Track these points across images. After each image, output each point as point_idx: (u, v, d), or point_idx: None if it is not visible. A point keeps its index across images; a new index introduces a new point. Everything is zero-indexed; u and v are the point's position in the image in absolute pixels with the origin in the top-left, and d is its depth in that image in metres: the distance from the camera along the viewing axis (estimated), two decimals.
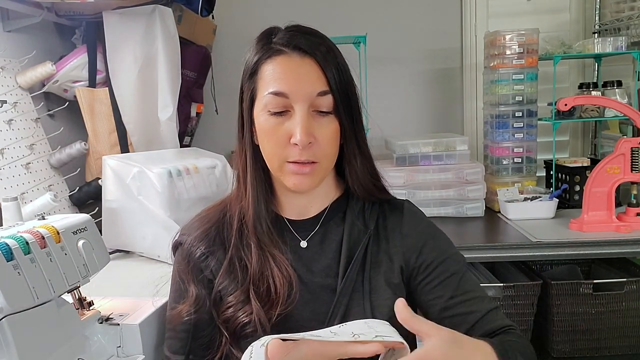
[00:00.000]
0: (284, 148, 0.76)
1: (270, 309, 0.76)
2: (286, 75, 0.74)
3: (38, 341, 0.68)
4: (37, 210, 1.38)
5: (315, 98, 0.74)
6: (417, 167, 2.04)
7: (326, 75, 0.75)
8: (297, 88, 0.74)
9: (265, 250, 0.80)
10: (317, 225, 0.84)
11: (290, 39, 0.75)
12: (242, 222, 0.83)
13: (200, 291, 0.82)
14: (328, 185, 0.86)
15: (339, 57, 0.78)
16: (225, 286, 0.80)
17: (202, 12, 1.78)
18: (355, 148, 0.82)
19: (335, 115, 0.77)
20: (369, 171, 0.85)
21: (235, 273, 0.80)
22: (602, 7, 2.39)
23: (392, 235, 0.84)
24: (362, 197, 0.86)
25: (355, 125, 0.80)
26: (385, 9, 2.49)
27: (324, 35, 0.80)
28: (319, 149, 0.76)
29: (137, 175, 1.41)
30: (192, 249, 0.84)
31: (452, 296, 0.79)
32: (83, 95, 1.72)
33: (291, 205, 0.86)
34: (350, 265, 0.79)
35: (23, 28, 1.67)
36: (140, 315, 0.84)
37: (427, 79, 2.55)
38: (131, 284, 1.27)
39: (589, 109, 2.11)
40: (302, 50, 0.75)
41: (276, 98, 0.74)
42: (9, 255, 0.64)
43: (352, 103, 0.79)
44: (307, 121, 0.74)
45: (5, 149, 1.49)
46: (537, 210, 1.94)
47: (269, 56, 0.76)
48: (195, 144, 2.25)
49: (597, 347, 1.84)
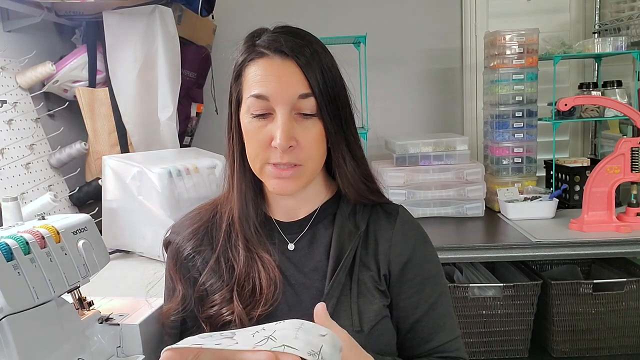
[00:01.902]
0: (265, 150, 0.75)
1: (252, 309, 0.77)
2: (267, 78, 0.74)
3: (38, 341, 0.68)
4: (37, 210, 1.38)
5: (297, 101, 0.74)
6: (417, 167, 2.04)
7: (308, 78, 0.74)
8: (278, 91, 0.73)
9: (252, 251, 0.80)
10: (306, 227, 0.84)
11: (273, 41, 0.75)
12: (230, 222, 0.83)
13: (186, 290, 0.82)
14: (318, 187, 0.85)
15: (325, 59, 0.77)
16: (210, 284, 0.81)
17: (202, 12, 1.78)
18: (344, 150, 0.80)
19: (319, 118, 0.76)
20: (361, 173, 0.83)
21: (221, 272, 0.81)
22: (602, 7, 2.39)
23: (381, 241, 0.82)
24: (353, 199, 0.84)
25: (343, 127, 0.79)
26: (385, 9, 2.50)
27: (311, 37, 0.79)
28: (301, 152, 0.75)
29: (137, 175, 1.41)
30: (180, 248, 0.85)
31: (418, 319, 0.80)
32: (83, 95, 1.72)
33: (280, 207, 0.85)
34: (339, 267, 0.78)
35: (23, 28, 1.67)
36: (140, 315, 0.84)
37: (427, 79, 2.55)
38: (131, 284, 1.27)
39: (589, 109, 2.11)
40: (283, 53, 0.74)
41: (258, 101, 0.74)
42: (9, 255, 0.64)
43: (339, 105, 0.77)
44: (287, 124, 0.73)
45: (5, 149, 1.49)
46: (537, 210, 1.95)
47: (252, 59, 0.76)
48: (195, 144, 2.25)
49: (597, 347, 1.84)
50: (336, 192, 0.87)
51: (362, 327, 0.76)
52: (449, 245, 1.70)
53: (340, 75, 0.79)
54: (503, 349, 1.89)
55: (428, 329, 0.81)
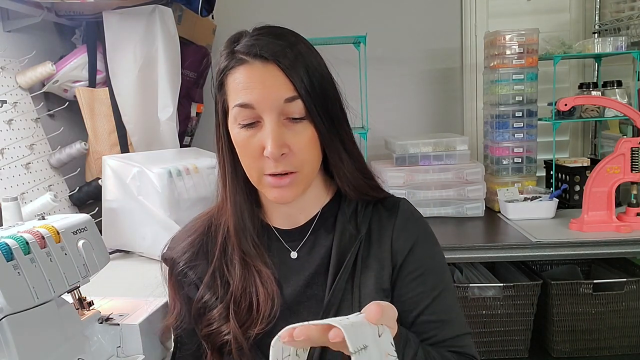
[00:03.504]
0: (258, 161, 0.72)
1: (249, 327, 0.75)
2: (250, 86, 0.70)
3: (38, 341, 0.68)
4: (37, 210, 1.38)
5: (283, 105, 0.70)
6: (417, 167, 2.04)
7: (292, 80, 0.70)
8: (263, 97, 0.70)
9: (250, 265, 0.78)
10: (308, 233, 0.81)
11: (252, 46, 0.71)
12: (225, 235, 0.80)
13: (182, 306, 0.82)
14: (317, 190, 0.83)
15: (310, 59, 0.73)
16: (206, 300, 0.79)
17: (202, 12, 1.78)
18: (340, 149, 0.77)
19: (309, 120, 0.72)
20: (359, 170, 0.81)
21: (215, 288, 0.79)
22: (602, 7, 2.39)
23: (384, 238, 0.80)
24: (354, 197, 0.82)
25: (336, 127, 0.76)
26: (385, 9, 2.49)
27: (293, 36, 0.75)
28: (295, 158, 0.72)
29: (137, 175, 1.42)
30: (175, 264, 0.83)
31: (420, 314, 0.78)
32: (83, 95, 1.72)
33: (279, 215, 0.83)
34: (339, 275, 0.76)
35: (23, 28, 1.67)
36: (140, 315, 0.84)
37: (427, 79, 2.55)
38: (131, 284, 1.27)
39: (589, 109, 2.11)
40: (263, 57, 0.70)
41: (244, 110, 0.71)
42: (9, 255, 0.64)
43: (328, 104, 0.74)
44: (277, 131, 0.70)
45: (5, 149, 1.49)
46: (537, 210, 1.95)
47: (232, 66, 0.73)
48: (195, 144, 2.25)
49: (597, 347, 1.84)
50: (336, 193, 0.85)
51: None
52: (449, 245, 1.70)
53: (328, 72, 0.76)
54: (503, 349, 1.89)
55: (432, 323, 0.77)
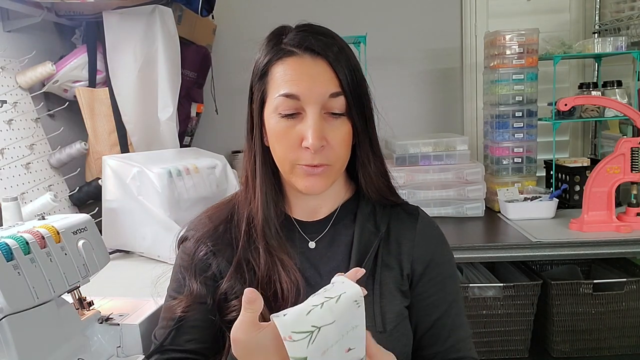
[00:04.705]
0: (295, 151, 0.74)
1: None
2: (298, 77, 0.73)
3: (38, 341, 0.68)
4: (37, 210, 1.38)
5: (327, 100, 0.73)
6: (417, 167, 2.04)
7: (338, 76, 0.74)
8: (309, 90, 0.72)
9: (273, 254, 0.79)
10: (327, 226, 0.83)
11: (302, 39, 0.74)
12: (250, 225, 0.81)
13: (201, 289, 0.80)
14: (339, 186, 0.85)
15: (351, 58, 0.77)
16: (231, 288, 0.79)
17: (202, 12, 1.78)
18: (369, 150, 0.80)
19: (347, 117, 0.76)
20: (382, 173, 0.84)
21: (242, 275, 0.79)
22: (602, 7, 2.39)
23: (403, 241, 0.82)
24: (374, 199, 0.84)
25: (368, 127, 0.79)
26: (385, 9, 2.49)
27: (336, 35, 0.79)
28: (331, 152, 0.75)
29: (137, 175, 1.42)
30: (198, 246, 0.82)
31: (439, 317, 0.81)
32: (83, 95, 1.72)
33: (301, 207, 0.84)
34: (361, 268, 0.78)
35: (23, 28, 1.67)
36: (140, 315, 0.84)
37: (427, 79, 2.55)
38: (131, 284, 1.27)
39: (589, 109, 2.11)
40: (313, 52, 0.73)
41: (287, 100, 0.73)
42: (9, 255, 0.64)
43: (364, 104, 0.78)
44: (319, 124, 0.72)
45: (5, 149, 1.49)
46: (537, 210, 1.94)
47: (280, 57, 0.75)
48: (195, 144, 2.25)
49: (597, 347, 1.84)
50: (355, 192, 0.87)
51: (384, 327, 0.75)
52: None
53: (363, 74, 0.79)
54: (503, 349, 1.89)
55: (448, 326, 0.81)
